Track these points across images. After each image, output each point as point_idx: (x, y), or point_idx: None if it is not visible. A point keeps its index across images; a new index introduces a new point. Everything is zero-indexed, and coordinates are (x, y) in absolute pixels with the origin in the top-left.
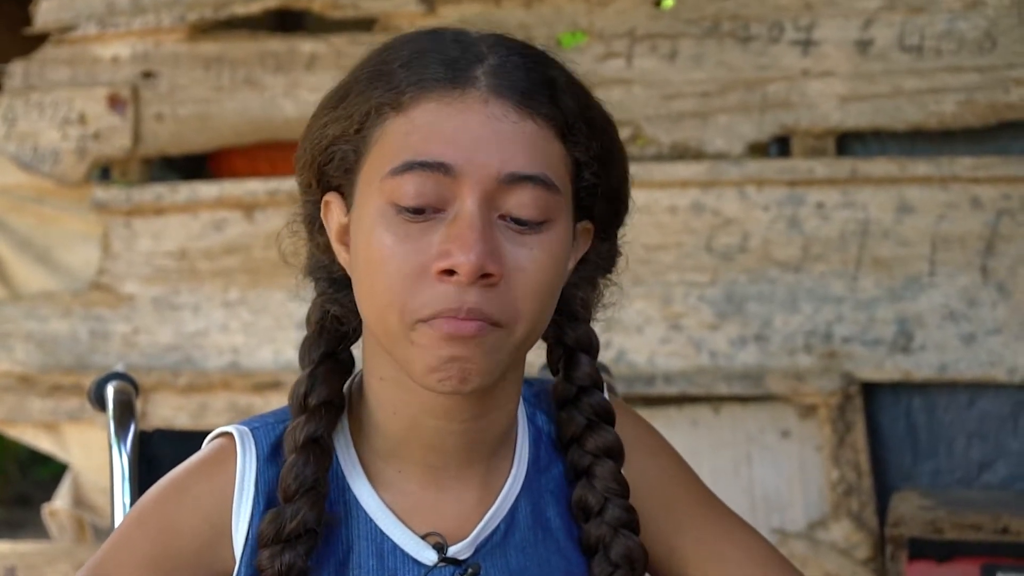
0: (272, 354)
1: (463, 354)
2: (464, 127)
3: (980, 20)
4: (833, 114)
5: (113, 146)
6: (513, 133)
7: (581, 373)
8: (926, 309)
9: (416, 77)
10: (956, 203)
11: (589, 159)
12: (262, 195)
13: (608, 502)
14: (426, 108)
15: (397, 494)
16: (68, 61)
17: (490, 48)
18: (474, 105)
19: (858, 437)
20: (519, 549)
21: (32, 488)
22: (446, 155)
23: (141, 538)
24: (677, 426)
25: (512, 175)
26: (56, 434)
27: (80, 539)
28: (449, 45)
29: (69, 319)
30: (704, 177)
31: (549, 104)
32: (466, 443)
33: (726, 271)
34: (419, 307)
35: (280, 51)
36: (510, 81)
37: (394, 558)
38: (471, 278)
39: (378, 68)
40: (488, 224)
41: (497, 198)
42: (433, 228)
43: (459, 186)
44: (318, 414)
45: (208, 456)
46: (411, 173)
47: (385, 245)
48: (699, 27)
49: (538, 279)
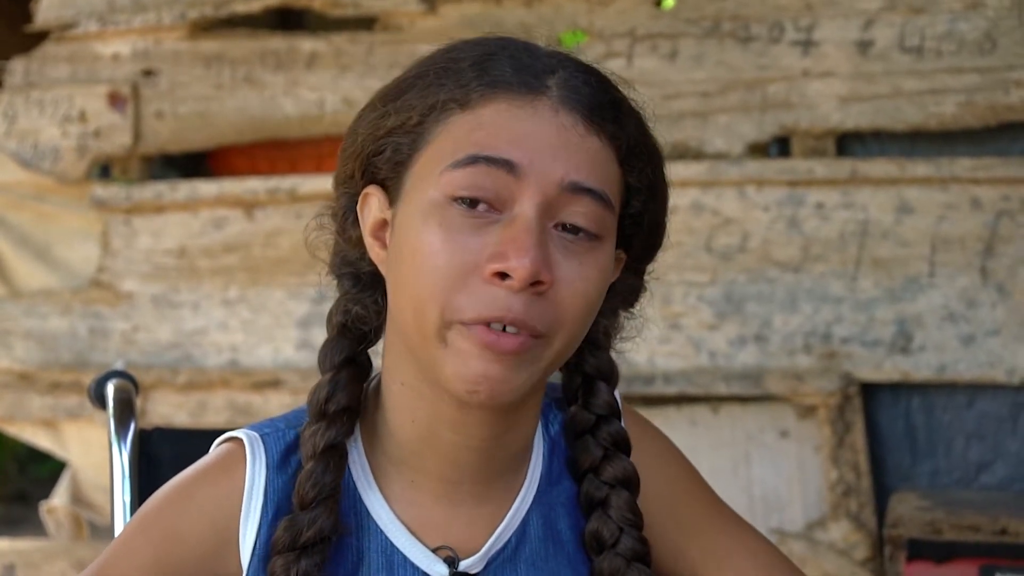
0: (271, 352)
1: (496, 373)
2: (533, 131)
3: (980, 21)
4: (833, 115)
5: (113, 144)
6: (579, 145)
7: (600, 401)
8: (925, 310)
9: (488, 78)
10: (956, 204)
11: (640, 187)
12: (262, 193)
13: (623, 533)
14: (496, 108)
15: (409, 506)
16: (69, 58)
17: (560, 62)
18: (544, 112)
19: (857, 437)
20: (530, 563)
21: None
22: (512, 154)
23: (144, 544)
24: (676, 426)
25: (575, 184)
26: (55, 432)
27: (78, 537)
28: (521, 52)
29: (69, 317)
30: (704, 177)
31: (614, 124)
32: (482, 460)
33: (725, 271)
34: (463, 306)
35: (280, 49)
36: (580, 95)
37: (404, 571)
38: (524, 284)
39: (445, 65)
40: (544, 231)
41: (556, 206)
42: (488, 229)
43: (521, 188)
44: (338, 420)
45: (216, 462)
46: (474, 167)
47: (436, 239)
48: (699, 27)
49: (584, 293)
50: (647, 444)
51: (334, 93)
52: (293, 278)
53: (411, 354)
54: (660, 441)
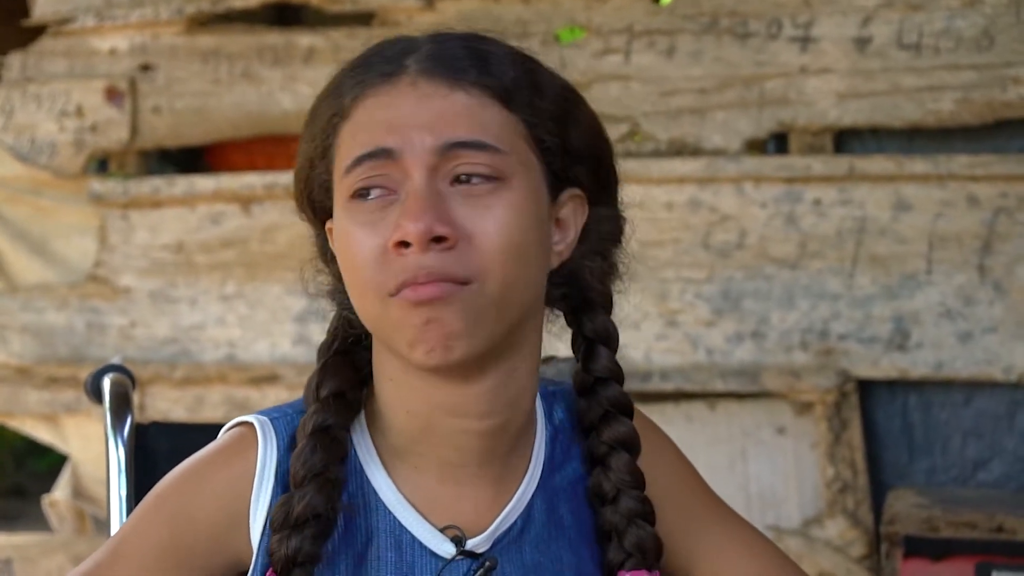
0: (269, 347)
1: (435, 316)
2: (398, 111)
3: (978, 18)
4: (831, 111)
5: (110, 139)
6: (444, 106)
7: (599, 365)
8: (923, 307)
9: (355, 81)
10: (953, 201)
11: (539, 119)
12: (259, 189)
13: (621, 493)
14: (364, 106)
15: (415, 488)
16: (66, 53)
17: (428, 39)
18: (404, 89)
19: (854, 435)
20: (534, 545)
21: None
22: (386, 141)
23: (157, 524)
24: (672, 422)
25: (448, 143)
26: (55, 426)
27: (80, 530)
28: (388, 46)
29: (66, 311)
30: (701, 173)
31: (481, 72)
32: (482, 442)
33: (723, 268)
34: (385, 281)
35: (278, 45)
36: (438, 59)
37: (412, 550)
38: (421, 244)
39: (330, 86)
40: (436, 193)
41: (441, 168)
42: (389, 212)
43: (404, 167)
44: (327, 404)
45: (228, 444)
46: (360, 167)
47: (351, 235)
48: (697, 23)
49: (502, 234)
50: (648, 439)
51: None
52: (290, 273)
53: (388, 349)
54: (659, 436)
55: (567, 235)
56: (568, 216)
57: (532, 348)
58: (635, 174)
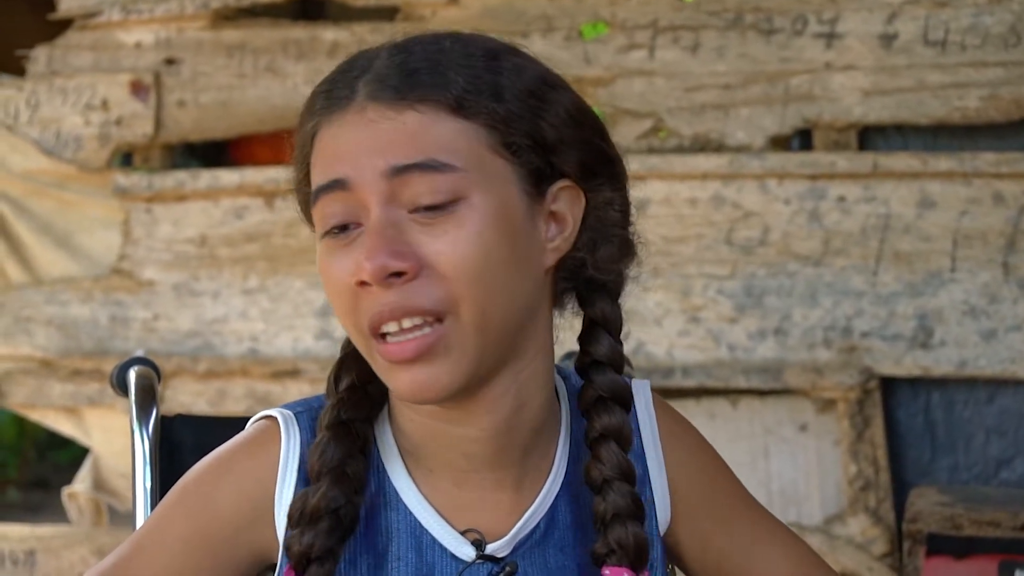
0: (291, 341)
1: (420, 376)
2: (348, 140)
3: (1005, 15)
4: (856, 108)
5: (135, 132)
6: (392, 129)
7: (597, 349)
8: (947, 305)
9: (319, 105)
10: (978, 199)
11: (502, 119)
12: (283, 183)
13: (607, 485)
14: (323, 134)
15: (435, 490)
16: (91, 47)
17: (384, 55)
18: (352, 117)
19: (876, 432)
20: (559, 548)
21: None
22: (339, 171)
23: (182, 516)
24: (695, 419)
25: (395, 168)
26: (77, 418)
27: (98, 523)
28: (348, 66)
29: (89, 304)
30: (725, 170)
31: (430, 86)
32: (493, 448)
33: (746, 264)
34: (359, 320)
35: (302, 39)
36: (385, 80)
37: (432, 552)
38: (377, 281)
39: (304, 111)
40: (392, 225)
41: (396, 194)
42: (357, 244)
43: (359, 196)
44: (346, 398)
45: (252, 437)
46: (321, 199)
47: (326, 271)
48: (722, 19)
49: (466, 258)
50: (681, 436)
51: None
52: (313, 268)
53: None
54: (694, 434)
55: (564, 228)
56: (563, 208)
57: (539, 348)
58: (659, 170)
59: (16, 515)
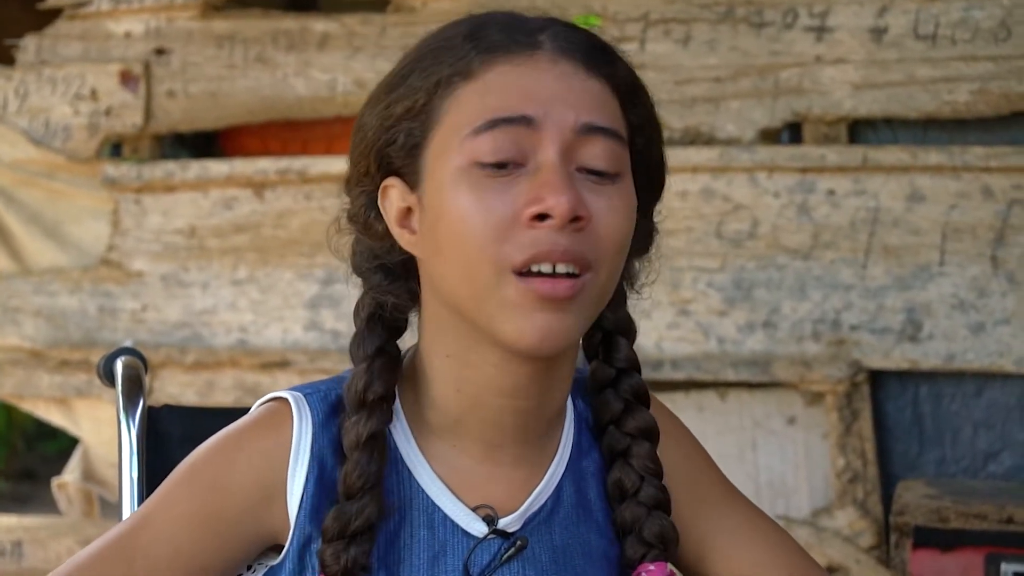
0: (280, 333)
1: (558, 322)
2: (539, 83)
3: (995, 9)
4: (846, 101)
5: (124, 123)
6: (583, 89)
7: (621, 355)
8: (935, 298)
9: (484, 45)
10: (967, 192)
11: (641, 124)
12: (272, 174)
13: (644, 482)
14: (498, 71)
15: (450, 467)
16: (81, 36)
17: (546, 21)
18: (544, 64)
19: (864, 425)
20: (563, 527)
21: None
22: (526, 109)
23: (189, 494)
24: (684, 411)
25: (588, 125)
26: (67, 408)
27: (88, 513)
28: (508, 17)
29: (78, 295)
30: (715, 163)
31: (609, 66)
32: (525, 421)
33: (735, 257)
34: (512, 253)
35: (292, 30)
36: (572, 43)
37: (444, 529)
38: (564, 220)
39: (439, 44)
40: (570, 174)
41: (574, 149)
42: (516, 182)
43: (540, 138)
44: (377, 408)
45: (263, 417)
46: (495, 130)
47: (470, 202)
48: (713, 12)
49: (618, 227)
50: (663, 422)
51: (346, 74)
52: (302, 259)
53: (458, 324)
54: (675, 421)
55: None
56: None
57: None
58: None
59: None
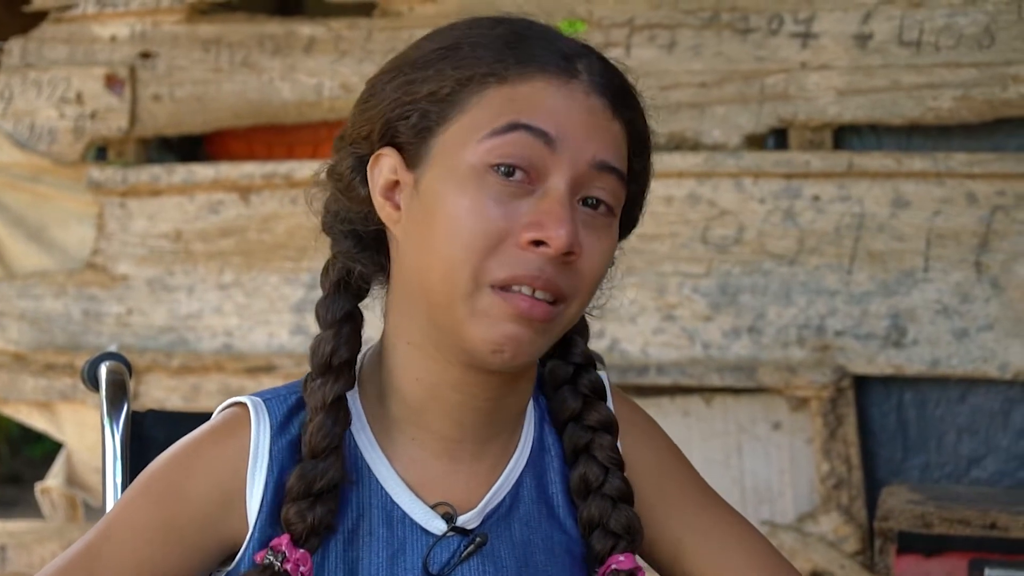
0: (266, 337)
1: (524, 337)
2: (568, 109)
3: (979, 16)
4: (831, 107)
5: (110, 126)
6: (606, 128)
7: (578, 351)
8: (919, 304)
9: (525, 55)
10: (951, 198)
11: (639, 170)
12: (258, 178)
13: (609, 473)
14: (533, 85)
15: (409, 463)
16: (66, 40)
17: (582, 48)
18: (578, 94)
19: (849, 430)
20: (523, 522)
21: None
22: (550, 126)
23: (149, 503)
24: (669, 416)
25: (603, 163)
26: (50, 413)
27: (72, 518)
28: (548, 34)
29: (63, 299)
30: (700, 168)
31: (631, 112)
32: (484, 419)
33: (721, 262)
34: (495, 268)
35: (279, 34)
36: (607, 81)
37: (403, 526)
38: (559, 252)
39: (479, 40)
40: (573, 206)
41: (583, 182)
42: (522, 199)
43: (556, 161)
44: (344, 373)
45: (221, 424)
46: (515, 133)
47: (473, 203)
48: (698, 18)
49: (599, 266)
50: (635, 422)
51: (332, 78)
52: (288, 263)
53: (425, 314)
54: (647, 420)
55: None
56: None
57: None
58: None
59: None
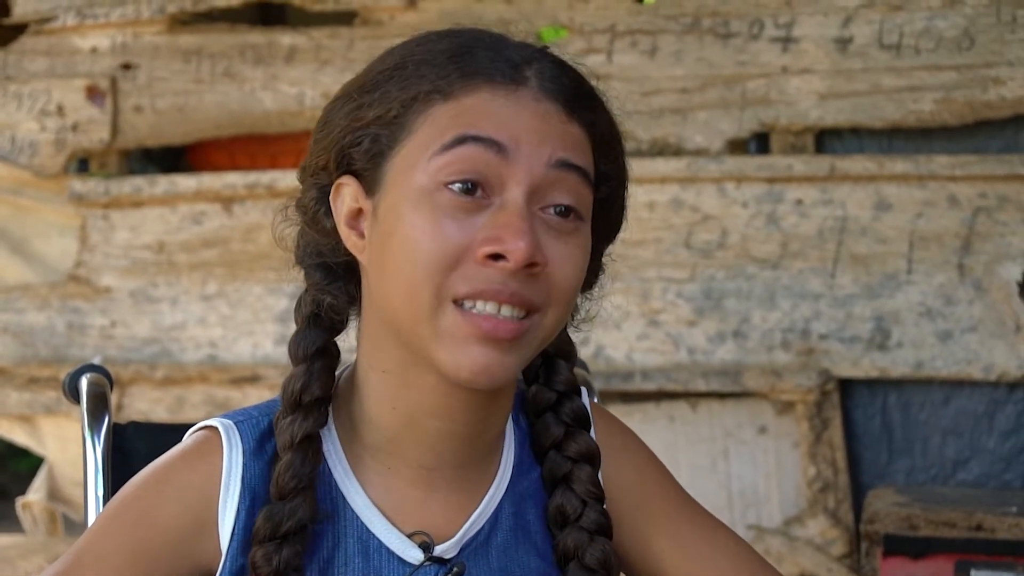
0: (250, 347)
1: (495, 358)
2: (517, 116)
3: (958, 19)
4: (812, 111)
5: (91, 138)
6: (562, 131)
7: (561, 379)
8: (903, 306)
9: (469, 68)
10: (933, 201)
11: (610, 174)
12: (241, 188)
13: (587, 507)
14: (478, 97)
15: (385, 492)
16: (47, 52)
17: (534, 53)
18: (526, 100)
19: (834, 434)
20: (501, 551)
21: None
22: (500, 135)
23: (120, 529)
24: (654, 422)
25: (563, 161)
26: (31, 427)
27: (53, 532)
28: (496, 43)
29: (46, 311)
30: (683, 173)
31: (590, 113)
32: (461, 446)
33: (704, 267)
34: (457, 283)
35: (260, 44)
36: (558, 85)
37: (379, 556)
38: (519, 265)
39: (423, 57)
40: (533, 216)
41: (543, 189)
42: (478, 213)
43: (510, 171)
44: (313, 410)
45: (192, 448)
46: (463, 147)
47: (428, 223)
48: (679, 23)
49: (571, 274)
50: (615, 437)
51: (314, 88)
52: (272, 273)
53: (396, 341)
54: (628, 435)
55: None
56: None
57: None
58: None
59: None
